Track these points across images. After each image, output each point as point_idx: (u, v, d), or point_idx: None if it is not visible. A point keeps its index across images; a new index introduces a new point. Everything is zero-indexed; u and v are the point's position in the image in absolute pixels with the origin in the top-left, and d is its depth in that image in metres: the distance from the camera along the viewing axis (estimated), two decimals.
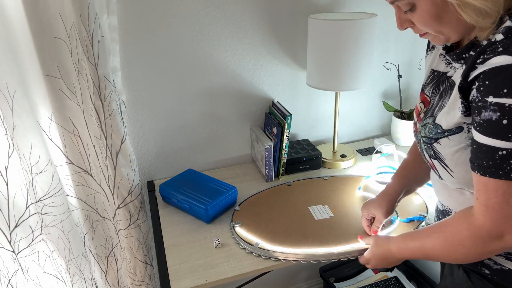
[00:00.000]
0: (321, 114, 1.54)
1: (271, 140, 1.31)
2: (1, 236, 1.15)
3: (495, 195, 0.63)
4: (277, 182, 1.34)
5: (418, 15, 0.67)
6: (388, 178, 1.12)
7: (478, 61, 0.62)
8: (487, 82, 0.60)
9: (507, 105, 0.57)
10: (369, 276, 1.76)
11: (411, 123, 1.47)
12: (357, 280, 1.77)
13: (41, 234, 1.22)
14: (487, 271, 0.76)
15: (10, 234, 1.16)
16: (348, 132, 1.63)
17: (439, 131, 0.74)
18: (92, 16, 1.01)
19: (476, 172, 0.65)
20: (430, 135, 0.77)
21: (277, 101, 1.44)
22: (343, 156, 1.44)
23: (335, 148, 1.47)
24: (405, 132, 1.49)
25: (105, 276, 1.43)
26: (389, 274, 1.74)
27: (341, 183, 1.31)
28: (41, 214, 1.18)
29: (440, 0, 0.63)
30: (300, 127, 1.54)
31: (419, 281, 1.65)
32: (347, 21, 1.15)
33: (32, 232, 1.20)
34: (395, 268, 1.76)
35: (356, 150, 1.53)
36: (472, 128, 0.65)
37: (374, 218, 1.03)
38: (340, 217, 1.13)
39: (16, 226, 1.16)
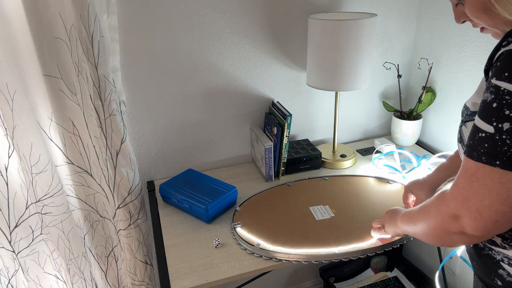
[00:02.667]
0: (321, 114, 1.54)
1: (271, 140, 1.31)
2: (1, 236, 1.15)
3: (464, 175, 0.63)
4: (277, 182, 1.34)
5: (467, 7, 0.68)
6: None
7: (503, 44, 0.61)
8: (498, 64, 0.58)
9: (502, 88, 0.56)
10: (369, 276, 1.76)
11: (410, 123, 1.47)
12: (357, 280, 1.77)
13: (41, 234, 1.22)
14: (499, 283, 0.73)
15: (10, 234, 1.16)
16: (348, 132, 1.63)
17: (468, 113, 0.73)
18: (92, 16, 1.01)
19: (464, 150, 0.65)
20: (462, 118, 0.75)
21: (277, 101, 1.44)
22: (343, 156, 1.44)
23: (335, 148, 1.47)
24: (405, 132, 1.49)
25: (105, 276, 1.43)
26: (389, 274, 1.74)
27: (341, 183, 1.31)
28: (41, 214, 1.18)
29: None
30: (300, 127, 1.54)
31: (419, 281, 1.65)
32: (347, 21, 1.15)
33: (32, 232, 1.20)
34: (395, 268, 1.77)
35: (356, 150, 1.53)
36: None
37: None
38: (341, 217, 1.13)
39: (16, 226, 1.16)
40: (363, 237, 1.05)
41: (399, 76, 1.50)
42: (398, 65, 1.52)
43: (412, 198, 1.09)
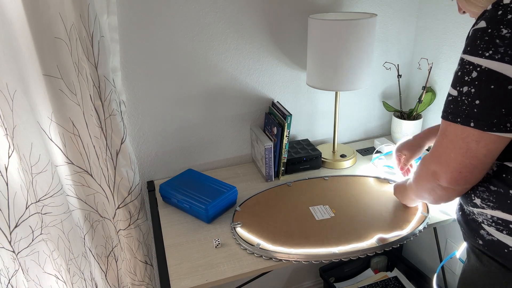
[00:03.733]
0: (321, 114, 1.54)
1: (271, 140, 1.31)
2: (1, 236, 1.15)
3: (439, 135, 0.75)
4: (277, 182, 1.34)
5: (458, 1, 0.80)
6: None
7: (473, 27, 0.70)
8: (466, 42, 0.70)
9: (464, 60, 0.68)
10: (369, 276, 1.76)
11: (411, 123, 1.47)
12: (357, 280, 1.77)
13: (41, 234, 1.22)
14: (480, 242, 0.80)
15: (10, 234, 1.16)
16: (348, 132, 1.63)
17: None
18: (92, 16, 1.01)
19: None
20: None
21: (277, 101, 1.44)
22: (343, 156, 1.44)
23: (335, 148, 1.47)
24: (405, 132, 1.49)
25: (105, 276, 1.43)
26: (389, 274, 1.74)
27: (341, 183, 1.31)
28: (41, 214, 1.18)
29: None
30: (300, 127, 1.54)
31: (419, 281, 1.65)
32: (347, 21, 1.15)
33: (32, 232, 1.20)
34: (395, 268, 1.77)
35: (356, 150, 1.53)
36: None
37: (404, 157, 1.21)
38: (341, 217, 1.13)
39: (16, 226, 1.16)
40: (363, 237, 1.05)
41: (399, 76, 1.50)
42: (398, 65, 1.52)
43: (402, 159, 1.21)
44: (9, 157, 1.09)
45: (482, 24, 0.65)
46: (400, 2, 1.44)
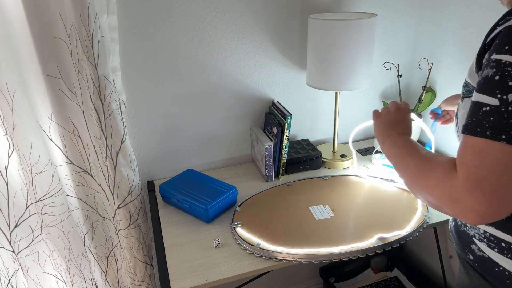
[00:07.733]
0: (321, 114, 1.54)
1: (271, 140, 1.31)
2: (1, 236, 1.15)
3: (471, 152, 0.57)
4: (277, 182, 1.34)
5: None
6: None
7: (500, 22, 0.60)
8: (497, 41, 0.58)
9: (503, 61, 0.55)
10: (369, 276, 1.76)
11: None
12: (357, 280, 1.77)
13: (41, 234, 1.22)
14: (471, 257, 0.76)
15: (10, 234, 1.16)
16: (348, 132, 1.62)
17: (464, 90, 0.72)
18: (92, 16, 1.01)
19: (461, 130, 0.61)
20: (462, 93, 0.74)
21: (277, 101, 1.44)
22: (343, 156, 1.44)
23: (335, 148, 1.47)
24: None
25: (105, 276, 1.43)
26: (389, 274, 1.74)
27: (341, 183, 1.31)
28: (41, 214, 1.18)
29: None
30: (300, 127, 1.54)
31: (419, 281, 1.65)
32: (347, 21, 1.15)
33: (32, 232, 1.20)
34: (395, 268, 1.76)
35: (356, 150, 1.53)
36: None
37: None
38: (340, 217, 1.13)
39: (16, 226, 1.16)
40: (363, 237, 1.05)
41: (399, 76, 1.50)
42: (398, 65, 1.52)
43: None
44: (9, 157, 1.09)
45: None
46: (400, 2, 1.44)
